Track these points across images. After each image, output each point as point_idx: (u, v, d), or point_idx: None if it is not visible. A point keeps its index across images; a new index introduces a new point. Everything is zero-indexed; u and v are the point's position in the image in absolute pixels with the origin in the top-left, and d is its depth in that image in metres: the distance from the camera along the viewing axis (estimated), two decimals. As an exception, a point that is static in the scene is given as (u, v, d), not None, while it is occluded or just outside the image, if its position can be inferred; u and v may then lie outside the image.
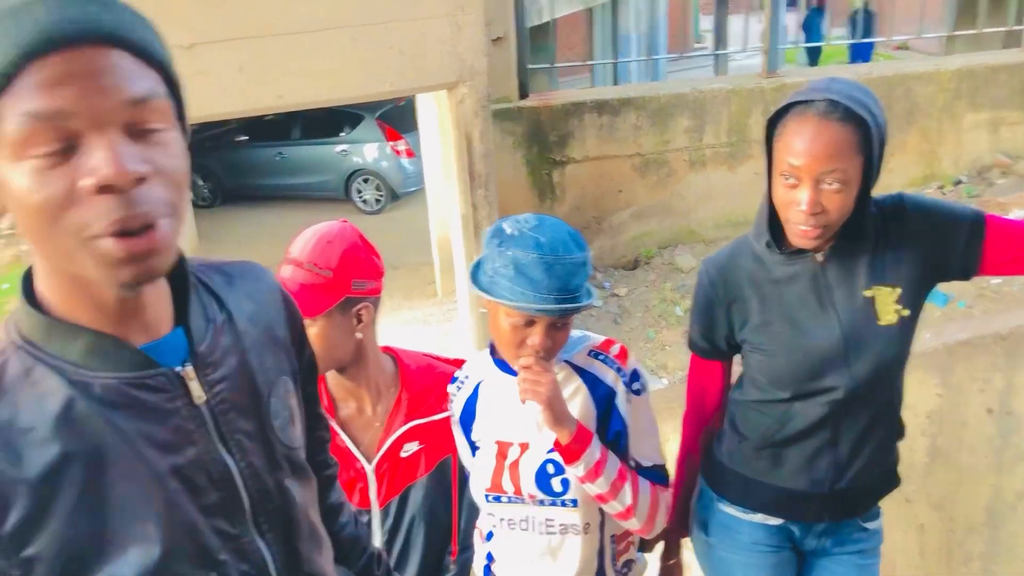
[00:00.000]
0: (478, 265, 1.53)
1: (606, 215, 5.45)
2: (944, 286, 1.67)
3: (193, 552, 0.85)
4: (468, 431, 1.64)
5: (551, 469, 1.55)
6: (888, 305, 1.57)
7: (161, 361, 0.84)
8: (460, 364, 1.75)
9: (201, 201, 10.71)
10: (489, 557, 1.70)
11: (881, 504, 1.79)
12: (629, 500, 1.53)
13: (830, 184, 1.44)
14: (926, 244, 1.56)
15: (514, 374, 1.50)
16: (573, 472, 1.51)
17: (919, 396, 2.65)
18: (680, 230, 5.63)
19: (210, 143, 10.79)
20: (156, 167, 0.75)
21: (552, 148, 5.20)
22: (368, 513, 1.70)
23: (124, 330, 0.82)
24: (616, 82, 12.72)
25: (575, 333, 1.59)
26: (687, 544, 1.93)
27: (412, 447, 1.69)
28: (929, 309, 1.65)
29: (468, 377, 1.66)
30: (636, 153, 5.36)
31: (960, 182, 5.78)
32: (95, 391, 0.79)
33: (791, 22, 12.75)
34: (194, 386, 0.86)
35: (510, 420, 1.59)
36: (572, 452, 1.48)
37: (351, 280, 1.56)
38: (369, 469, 1.67)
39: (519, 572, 1.64)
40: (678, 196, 5.52)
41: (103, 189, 0.72)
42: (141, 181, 0.74)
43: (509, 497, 1.58)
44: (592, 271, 1.50)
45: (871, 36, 10.80)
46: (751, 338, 1.65)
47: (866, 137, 1.43)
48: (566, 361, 1.58)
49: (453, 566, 1.75)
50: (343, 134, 10.56)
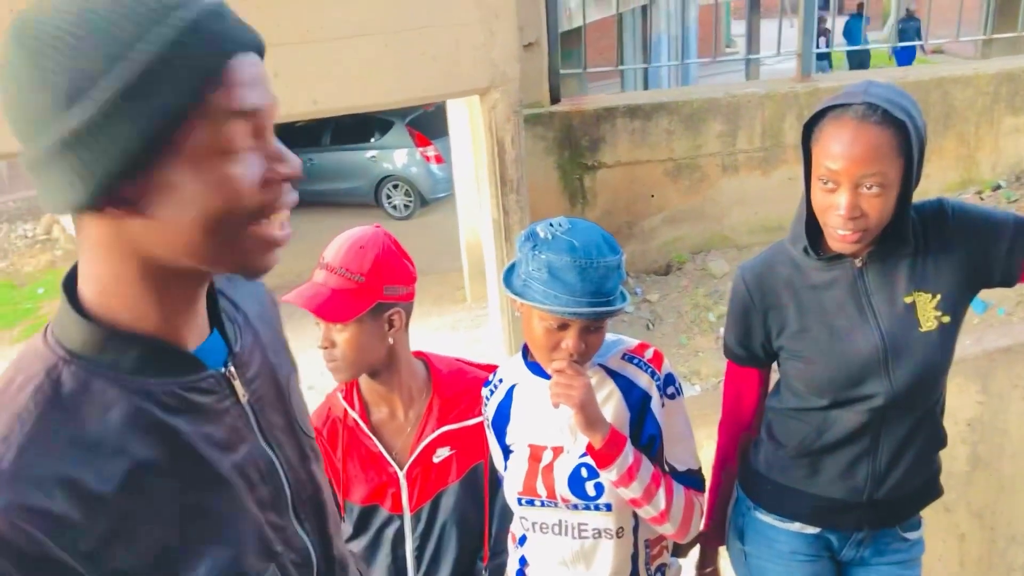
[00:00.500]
0: (511, 269, 1.53)
1: (638, 220, 5.42)
2: (983, 292, 1.63)
3: (257, 547, 0.87)
4: (501, 435, 1.64)
5: (585, 473, 1.54)
6: (928, 312, 1.54)
7: (207, 363, 0.86)
8: (492, 369, 1.75)
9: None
10: (522, 561, 1.69)
11: (921, 513, 1.76)
12: (663, 505, 1.51)
13: (869, 188, 1.42)
14: (967, 251, 1.54)
15: (548, 377, 1.49)
16: (606, 476, 1.50)
17: (959, 403, 2.60)
18: (713, 235, 5.58)
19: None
20: None
21: (584, 153, 5.19)
22: (400, 518, 1.70)
23: (181, 335, 0.84)
24: (646, 87, 12.67)
25: (610, 337, 1.59)
26: (723, 552, 1.91)
27: (444, 452, 1.68)
28: (968, 315, 1.62)
29: (502, 380, 1.66)
30: (668, 158, 5.33)
31: (999, 187, 5.68)
32: (156, 398, 0.80)
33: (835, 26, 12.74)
34: (238, 385, 0.89)
35: (544, 424, 1.58)
36: (605, 456, 1.47)
37: (383, 286, 1.56)
38: (401, 474, 1.67)
39: (553, 574, 1.63)
40: (711, 201, 5.48)
41: (287, 178, 0.79)
42: None
43: (542, 501, 1.57)
44: (625, 275, 1.49)
45: (918, 41, 10.66)
46: (788, 345, 1.63)
47: (905, 140, 1.41)
48: (600, 365, 1.57)
49: (485, 572, 1.75)
50: (373, 140, 10.64)
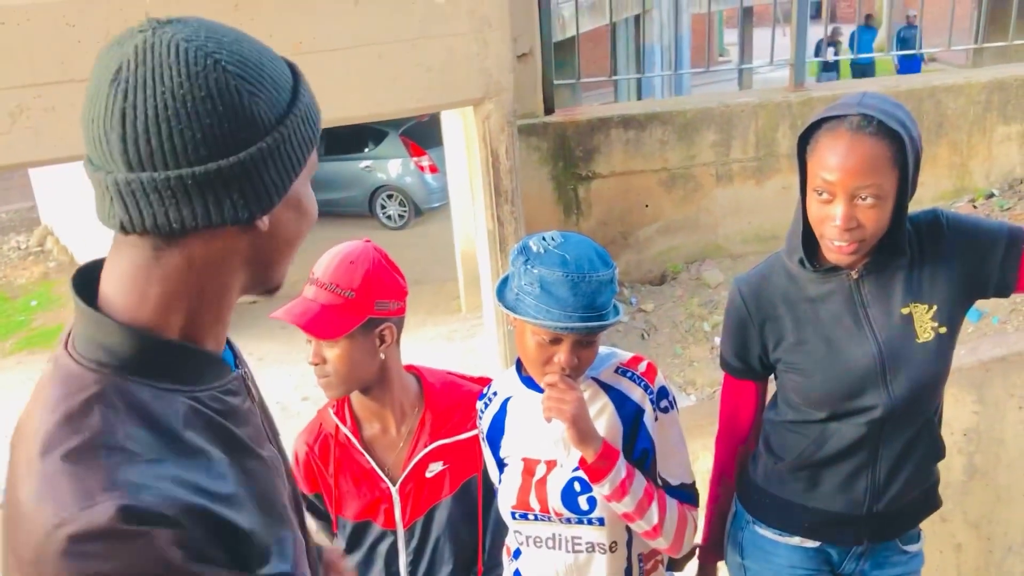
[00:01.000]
0: (504, 282, 1.52)
1: (632, 230, 5.42)
2: (977, 302, 1.63)
3: (297, 532, 0.91)
4: (496, 448, 1.63)
5: (578, 487, 1.53)
6: (924, 322, 1.54)
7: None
8: (484, 383, 1.74)
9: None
10: (516, 574, 1.68)
11: (920, 525, 1.75)
12: (656, 519, 1.50)
13: (864, 199, 1.42)
14: (963, 261, 1.53)
15: (541, 391, 1.49)
16: (599, 491, 1.49)
17: (955, 413, 2.60)
18: (707, 245, 5.59)
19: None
20: None
21: (578, 163, 5.19)
22: (393, 534, 1.69)
23: (217, 343, 0.85)
24: (640, 97, 12.70)
25: (603, 350, 1.58)
26: (722, 567, 1.89)
27: (437, 467, 1.67)
28: (962, 325, 1.62)
29: (496, 393, 1.65)
30: (662, 168, 5.33)
31: (992, 195, 5.69)
32: (204, 402, 0.81)
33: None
34: (251, 385, 0.92)
35: (537, 437, 1.57)
36: (598, 471, 1.46)
37: (374, 301, 1.55)
38: (394, 490, 1.66)
39: (547, 591, 1.62)
40: (705, 211, 5.48)
41: None
42: None
43: (536, 515, 1.57)
44: (619, 288, 1.49)
45: (920, 52, 10.68)
46: (785, 357, 1.63)
47: (900, 151, 1.41)
48: (593, 378, 1.56)
49: (479, 586, 1.74)
50: (367, 150, 10.64)
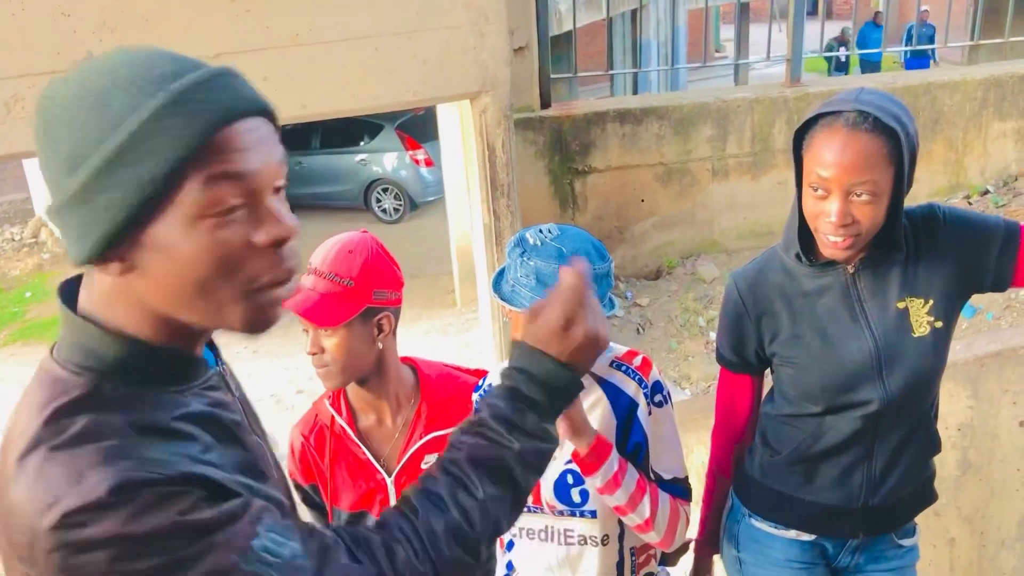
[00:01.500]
0: (500, 274, 1.52)
1: (628, 225, 5.42)
2: (972, 297, 1.64)
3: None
4: (490, 441, 1.63)
5: (570, 479, 1.54)
6: (920, 317, 1.54)
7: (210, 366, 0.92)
8: (480, 375, 1.74)
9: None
10: (509, 567, 1.68)
11: (915, 520, 1.76)
12: (648, 513, 1.51)
13: (860, 196, 1.42)
14: (959, 256, 1.54)
15: (536, 384, 1.48)
16: (591, 483, 1.49)
17: (950, 408, 2.61)
18: (703, 240, 5.59)
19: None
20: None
21: (574, 157, 5.18)
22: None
23: (194, 347, 0.88)
24: (636, 91, 12.69)
25: (598, 343, 1.58)
26: (718, 560, 1.90)
27: (432, 459, 1.67)
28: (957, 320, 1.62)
29: (492, 385, 1.65)
30: (659, 163, 5.33)
31: (987, 192, 5.70)
32: (190, 399, 0.84)
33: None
34: (230, 381, 0.96)
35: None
36: (590, 463, 1.46)
37: (372, 290, 1.56)
38: (389, 481, 1.66)
39: (539, 582, 1.63)
40: (701, 206, 5.49)
41: (278, 243, 0.79)
42: None
43: (528, 507, 1.57)
44: (614, 282, 1.49)
45: (930, 48, 10.67)
46: (781, 352, 1.63)
47: (896, 148, 1.41)
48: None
49: (473, 578, 1.74)
50: (362, 143, 10.62)
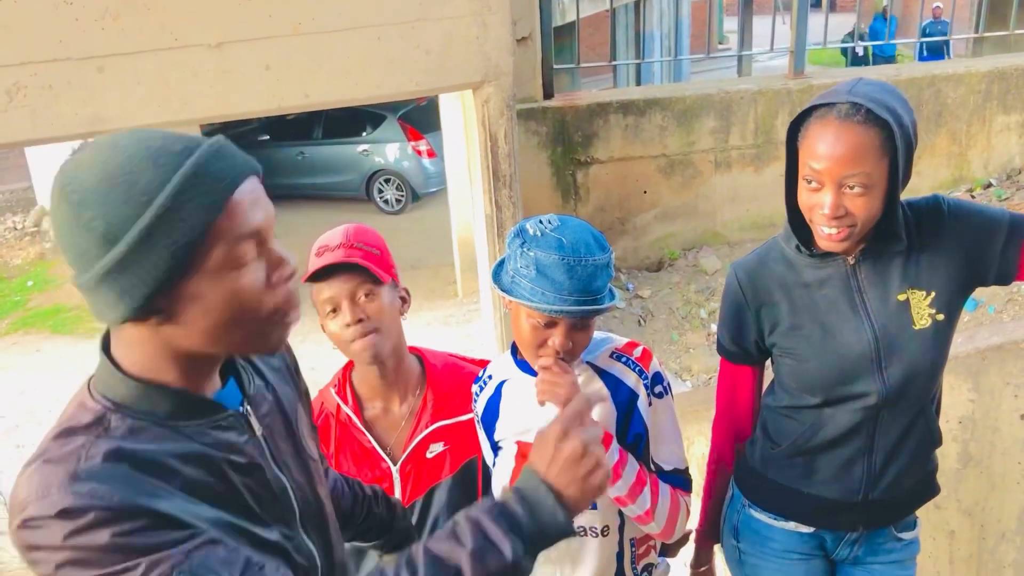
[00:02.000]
0: (500, 265, 1.52)
1: (630, 216, 5.41)
2: (975, 290, 1.63)
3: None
4: (490, 431, 1.63)
5: (572, 471, 1.54)
6: (922, 309, 1.54)
7: (227, 406, 1.02)
8: (486, 364, 1.74)
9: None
10: (511, 559, 1.68)
11: (916, 513, 1.76)
12: (648, 504, 1.51)
13: (852, 188, 1.41)
14: (963, 248, 1.53)
15: (535, 375, 1.49)
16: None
17: (951, 401, 2.61)
18: (705, 232, 5.58)
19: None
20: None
21: (577, 148, 5.17)
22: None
23: (201, 387, 1.00)
24: (639, 83, 12.66)
25: (598, 334, 1.58)
26: (718, 551, 1.90)
27: (437, 448, 1.68)
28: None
29: (491, 377, 1.65)
30: (661, 154, 5.32)
31: (990, 185, 5.69)
32: (189, 435, 0.96)
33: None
34: (253, 422, 1.05)
35: (531, 421, 1.57)
36: None
37: (391, 265, 1.63)
38: (394, 469, 1.67)
39: (538, 573, 1.63)
40: (703, 198, 5.47)
41: (289, 277, 0.96)
42: None
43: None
44: (615, 273, 1.49)
45: (947, 43, 10.60)
46: (781, 342, 1.63)
47: (890, 139, 1.40)
48: (588, 363, 1.57)
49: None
50: (365, 134, 10.59)
